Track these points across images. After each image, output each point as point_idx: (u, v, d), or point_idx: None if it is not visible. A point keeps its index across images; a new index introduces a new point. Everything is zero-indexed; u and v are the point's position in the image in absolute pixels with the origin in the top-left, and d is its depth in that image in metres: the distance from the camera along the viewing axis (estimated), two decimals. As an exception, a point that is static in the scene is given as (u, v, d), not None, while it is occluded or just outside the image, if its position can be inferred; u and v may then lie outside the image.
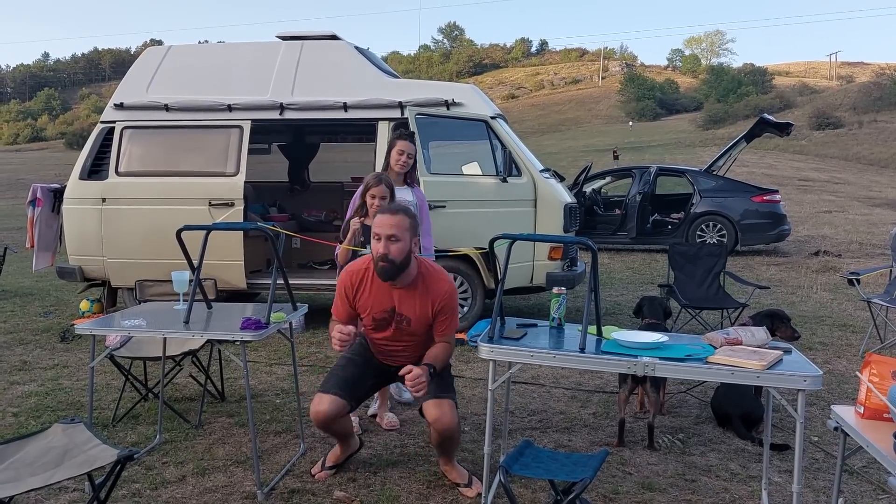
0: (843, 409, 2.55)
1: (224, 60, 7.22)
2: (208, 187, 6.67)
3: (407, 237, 3.22)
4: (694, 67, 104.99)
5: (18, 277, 10.37)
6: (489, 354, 3.07)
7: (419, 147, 6.30)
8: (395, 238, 3.17)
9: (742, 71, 77.39)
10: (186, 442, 4.09)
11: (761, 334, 3.14)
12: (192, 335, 3.50)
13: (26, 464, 2.65)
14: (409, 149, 4.72)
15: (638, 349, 3.02)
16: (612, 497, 3.42)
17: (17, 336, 6.73)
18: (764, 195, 12.15)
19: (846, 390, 5.09)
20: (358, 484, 3.54)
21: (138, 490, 3.45)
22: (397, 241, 3.17)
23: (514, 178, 6.64)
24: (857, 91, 57.99)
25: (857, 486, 3.60)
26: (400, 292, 3.37)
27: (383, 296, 3.38)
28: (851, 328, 6.99)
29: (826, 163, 36.08)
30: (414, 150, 4.75)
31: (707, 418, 4.51)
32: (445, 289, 3.35)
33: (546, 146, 44.61)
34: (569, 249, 6.91)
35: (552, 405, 4.79)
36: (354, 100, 6.73)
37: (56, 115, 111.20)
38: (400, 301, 3.37)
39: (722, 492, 3.49)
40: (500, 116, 7.04)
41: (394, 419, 4.37)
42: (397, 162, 4.70)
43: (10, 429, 4.26)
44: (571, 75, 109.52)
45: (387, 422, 4.34)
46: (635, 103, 73.09)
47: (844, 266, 10.33)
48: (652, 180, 12.70)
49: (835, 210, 18.78)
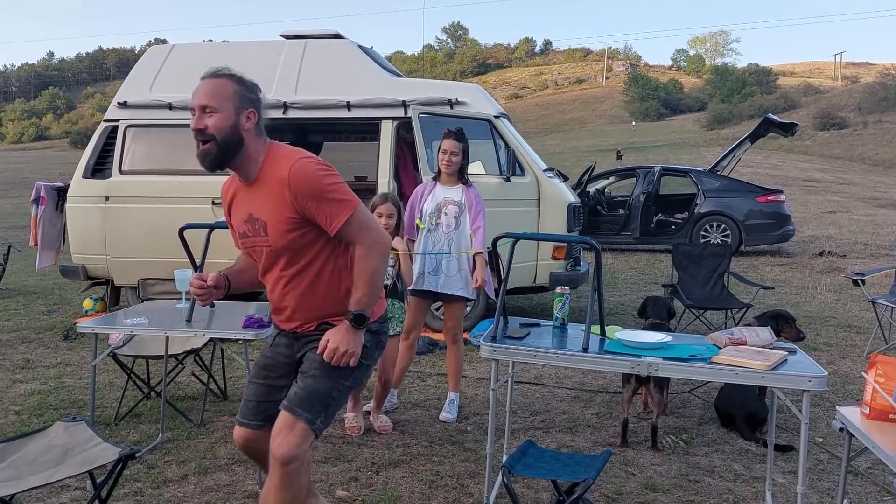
0: (848, 410, 2.53)
1: (227, 59, 7.12)
2: (211, 186, 6.66)
3: (229, 107, 2.38)
4: (698, 67, 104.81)
5: (22, 276, 10.38)
6: (491, 354, 3.06)
7: (422, 145, 6.29)
8: (212, 109, 2.35)
9: (746, 71, 77.18)
10: (188, 441, 4.08)
11: (766, 334, 3.12)
12: (194, 334, 3.50)
13: (28, 462, 2.64)
14: (453, 147, 4.47)
15: (642, 349, 3.00)
16: (616, 497, 3.41)
17: (21, 334, 6.74)
18: (768, 195, 12.11)
19: (850, 391, 5.06)
20: (360, 483, 3.53)
21: (140, 489, 3.45)
22: (214, 112, 2.35)
23: (518, 178, 6.63)
24: (861, 91, 57.78)
25: (862, 487, 3.58)
26: (252, 191, 2.46)
27: (245, 200, 2.49)
28: (856, 329, 6.96)
29: (831, 163, 35.99)
30: (460, 148, 4.48)
31: (711, 419, 4.49)
32: (288, 168, 2.35)
33: (550, 146, 44.57)
34: (572, 249, 6.89)
35: (555, 405, 4.78)
36: (358, 99, 6.72)
37: (60, 114, 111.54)
38: (255, 203, 2.44)
39: (726, 493, 3.48)
40: (504, 116, 7.03)
41: (387, 423, 4.31)
42: (441, 161, 4.49)
43: (12, 427, 4.25)
44: (575, 75, 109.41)
45: (379, 425, 4.29)
46: (639, 103, 72.96)
47: (849, 267, 10.29)
48: (656, 180, 12.68)
49: (839, 210, 18.72)
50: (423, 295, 4.51)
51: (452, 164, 4.47)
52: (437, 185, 4.52)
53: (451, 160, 4.47)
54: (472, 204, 4.49)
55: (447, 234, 4.44)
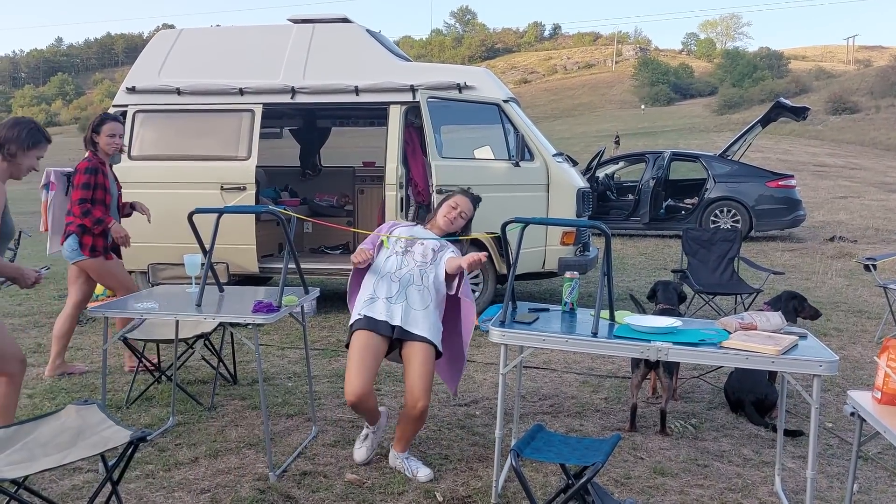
0: (859, 395, 2.52)
1: (235, 44, 7.20)
2: (220, 171, 6.67)
3: None
4: (709, 51, 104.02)
5: (33, 261, 10.44)
6: (501, 339, 3.06)
7: (430, 130, 6.25)
8: None
9: (758, 55, 76.60)
10: (199, 424, 4.11)
11: (776, 319, 3.11)
12: (204, 318, 3.50)
13: (40, 444, 2.66)
14: (465, 206, 3.71)
15: (651, 334, 2.99)
16: (624, 482, 3.41)
17: (32, 319, 6.79)
18: (779, 180, 12.03)
19: (861, 376, 5.05)
20: (369, 466, 3.55)
21: (151, 471, 3.48)
22: None
23: (527, 163, 6.60)
24: (874, 75, 57.17)
25: (872, 472, 3.57)
26: None
27: None
28: (867, 314, 6.93)
29: (842, 148, 35.69)
30: (471, 211, 3.74)
31: (720, 404, 4.49)
32: None
33: (559, 131, 44.38)
34: (581, 234, 6.87)
35: (564, 390, 4.78)
36: (366, 83, 6.69)
37: (70, 99, 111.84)
38: None
39: (735, 477, 3.48)
40: (513, 100, 6.99)
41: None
42: (446, 215, 3.67)
43: (24, 410, 4.29)
44: (585, 60, 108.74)
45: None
46: (649, 88, 72.53)
47: (860, 252, 10.23)
48: (665, 165, 12.60)
49: (850, 196, 18.59)
50: (374, 326, 3.40)
51: (455, 224, 3.66)
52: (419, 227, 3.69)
53: (457, 220, 3.66)
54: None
55: (420, 264, 3.49)
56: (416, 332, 3.38)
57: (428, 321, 3.41)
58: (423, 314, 3.42)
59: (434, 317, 3.45)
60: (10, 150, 3.29)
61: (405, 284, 3.45)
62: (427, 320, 3.41)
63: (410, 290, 3.44)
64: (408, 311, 3.41)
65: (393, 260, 3.52)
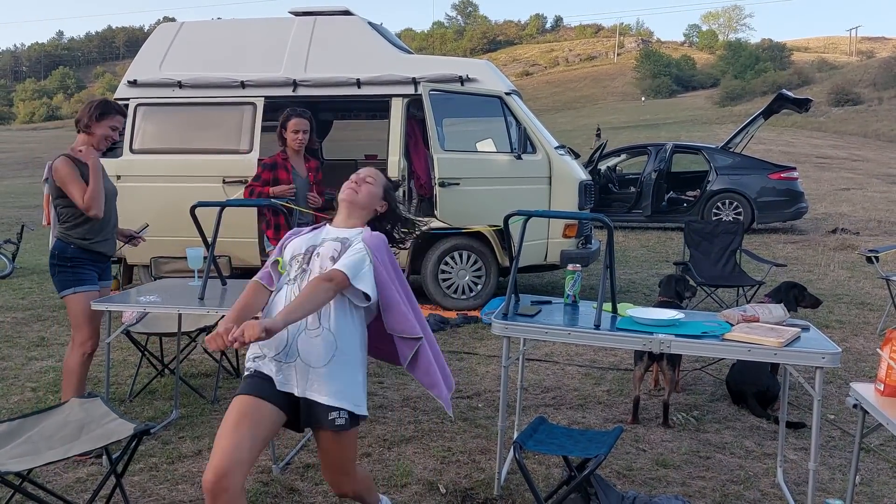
0: (862, 387, 2.52)
1: (237, 37, 7.19)
2: (222, 165, 6.67)
3: None
4: (711, 43, 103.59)
5: (36, 255, 10.45)
6: (503, 331, 3.06)
7: (432, 123, 6.25)
8: None
9: (760, 47, 76.36)
10: (202, 417, 4.12)
11: (779, 311, 3.11)
12: (206, 311, 3.51)
13: (45, 437, 2.67)
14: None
15: (654, 326, 2.99)
16: (626, 473, 3.42)
17: (35, 312, 6.80)
18: (781, 172, 12.01)
19: (863, 368, 5.05)
20: (372, 459, 3.56)
21: (155, 464, 3.49)
22: None
23: (529, 155, 6.59)
24: (877, 67, 56.96)
25: (874, 463, 3.57)
26: None
27: None
28: (869, 306, 6.92)
29: (845, 140, 35.59)
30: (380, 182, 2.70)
31: (722, 396, 4.49)
32: None
33: (561, 123, 44.29)
34: (583, 227, 6.87)
35: (566, 382, 4.79)
36: (368, 76, 6.69)
37: (71, 93, 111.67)
38: None
39: (737, 469, 3.48)
40: (515, 93, 6.98)
41: None
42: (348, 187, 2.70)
43: (28, 403, 4.31)
44: (586, 52, 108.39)
45: None
46: (651, 80, 72.30)
47: (862, 244, 10.21)
48: (668, 158, 12.58)
49: (853, 187, 18.55)
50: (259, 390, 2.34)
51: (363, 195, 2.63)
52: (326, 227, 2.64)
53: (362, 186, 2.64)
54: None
55: None
56: (319, 399, 2.34)
57: (335, 380, 2.35)
58: (326, 371, 2.35)
59: (347, 366, 2.38)
60: (85, 123, 3.68)
61: (294, 332, 2.35)
62: (333, 379, 2.35)
63: (301, 340, 2.35)
64: (305, 371, 2.35)
65: (285, 292, 2.44)
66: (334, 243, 2.48)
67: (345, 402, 2.35)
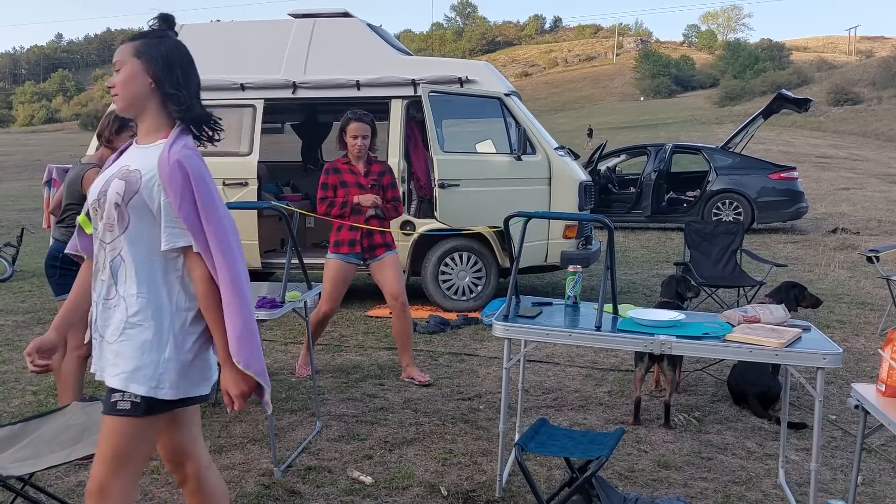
0: (863, 387, 2.52)
1: (236, 39, 7.19)
2: (222, 167, 6.66)
3: None
4: (710, 43, 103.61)
5: (35, 258, 10.44)
6: (504, 333, 3.06)
7: (432, 124, 6.25)
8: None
9: (759, 46, 76.34)
10: (203, 420, 4.11)
11: (780, 312, 3.11)
12: (207, 314, 3.50)
13: (46, 441, 2.67)
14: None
15: (655, 327, 2.99)
16: (628, 475, 3.42)
17: (36, 315, 6.80)
18: (781, 172, 12.01)
19: (864, 368, 5.04)
20: (373, 461, 3.56)
21: (156, 467, 3.49)
22: None
23: (529, 156, 6.59)
24: (876, 66, 56.96)
25: (875, 464, 3.57)
26: None
27: None
28: (870, 306, 6.92)
29: (844, 139, 35.60)
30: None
31: (723, 396, 4.49)
32: None
33: (560, 124, 44.28)
34: (583, 228, 6.87)
35: (567, 384, 4.79)
36: (367, 78, 6.69)
37: (70, 96, 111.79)
38: None
39: (738, 470, 3.48)
40: (514, 93, 6.98)
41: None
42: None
43: (29, 407, 4.31)
44: (585, 52, 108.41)
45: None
46: (650, 80, 72.30)
47: (863, 243, 10.21)
48: (667, 158, 12.58)
49: (853, 187, 18.55)
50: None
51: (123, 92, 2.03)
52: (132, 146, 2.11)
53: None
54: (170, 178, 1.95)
55: (111, 243, 1.99)
56: (108, 381, 1.97)
57: (126, 356, 1.94)
58: (116, 348, 1.96)
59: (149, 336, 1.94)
60: (106, 137, 3.79)
61: (98, 301, 2.01)
62: (123, 356, 1.94)
63: (100, 312, 2.01)
64: (102, 348, 2.01)
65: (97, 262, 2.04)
66: (119, 181, 1.96)
67: (137, 383, 1.91)
